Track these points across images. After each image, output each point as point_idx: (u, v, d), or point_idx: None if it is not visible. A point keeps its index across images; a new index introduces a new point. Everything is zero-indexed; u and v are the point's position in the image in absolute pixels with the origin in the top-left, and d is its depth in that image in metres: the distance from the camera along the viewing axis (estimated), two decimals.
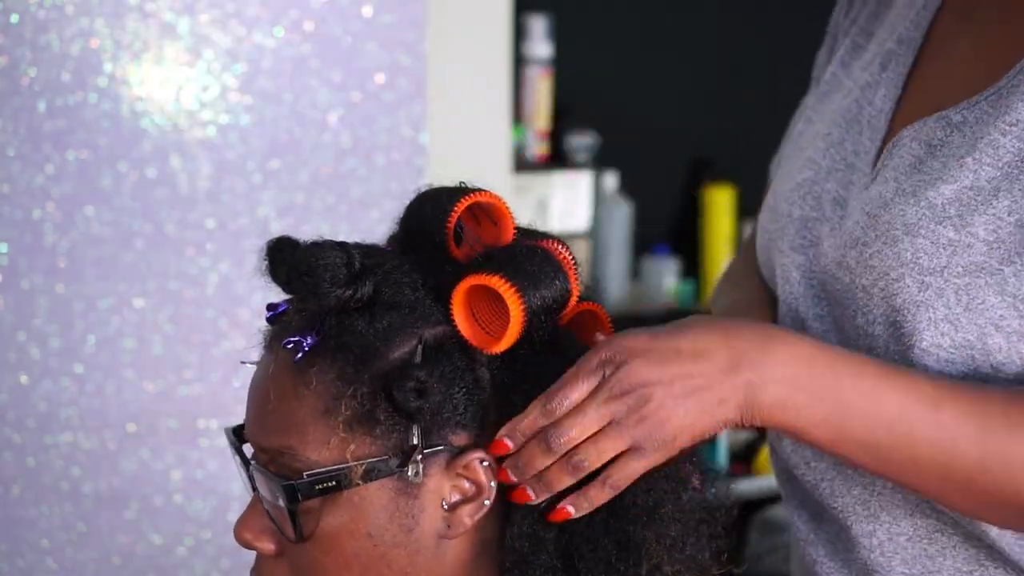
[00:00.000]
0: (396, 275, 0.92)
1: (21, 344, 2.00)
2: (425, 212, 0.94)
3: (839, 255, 1.03)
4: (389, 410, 0.89)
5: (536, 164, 3.11)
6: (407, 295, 0.91)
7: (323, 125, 2.10)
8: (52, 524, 2.04)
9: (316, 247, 0.91)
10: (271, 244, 0.92)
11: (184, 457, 2.07)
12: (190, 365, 2.07)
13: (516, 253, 0.92)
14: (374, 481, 0.89)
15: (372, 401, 0.89)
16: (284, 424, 0.91)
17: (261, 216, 2.07)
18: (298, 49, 2.08)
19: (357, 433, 0.89)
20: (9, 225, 1.98)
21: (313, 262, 0.89)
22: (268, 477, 0.91)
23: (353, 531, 0.91)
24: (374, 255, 0.93)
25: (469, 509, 0.92)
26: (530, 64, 3.05)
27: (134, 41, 2.00)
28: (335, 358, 0.90)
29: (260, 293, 2.05)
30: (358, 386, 0.89)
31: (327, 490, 0.89)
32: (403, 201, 0.97)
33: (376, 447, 0.89)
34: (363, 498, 0.90)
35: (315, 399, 0.90)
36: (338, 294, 0.89)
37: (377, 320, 0.90)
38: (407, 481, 0.90)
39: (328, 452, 0.90)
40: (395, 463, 0.89)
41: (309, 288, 0.89)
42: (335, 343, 0.90)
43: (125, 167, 2.02)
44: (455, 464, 0.91)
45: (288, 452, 0.91)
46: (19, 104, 1.96)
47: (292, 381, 0.91)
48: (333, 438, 0.89)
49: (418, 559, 0.92)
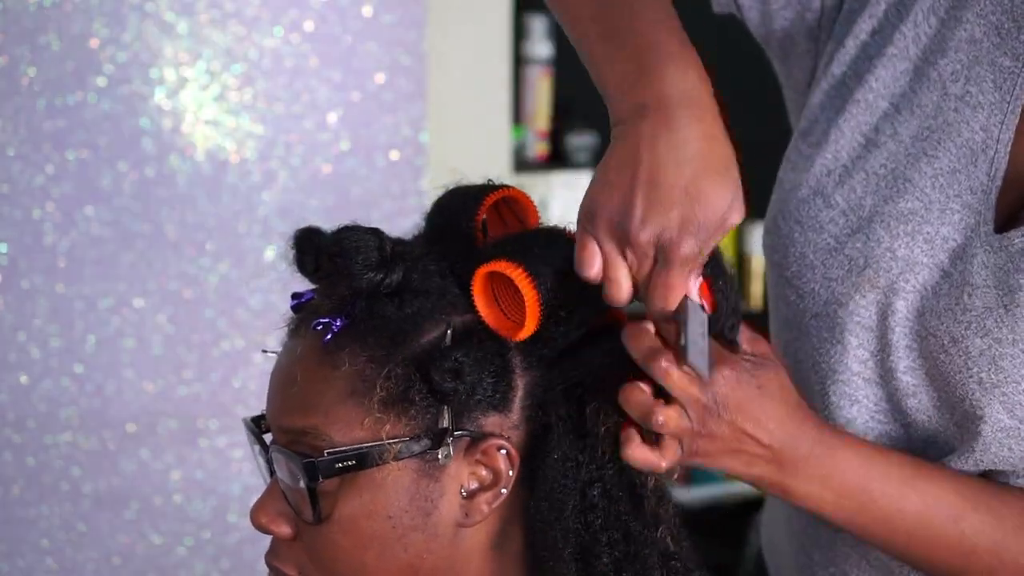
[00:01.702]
0: (425, 262, 0.93)
1: (21, 344, 2.00)
2: (454, 206, 0.96)
3: (961, 328, 0.97)
4: (424, 391, 0.90)
5: (536, 164, 3.10)
6: (436, 282, 0.93)
7: (323, 125, 2.10)
8: (52, 524, 2.04)
9: (349, 230, 0.92)
10: (299, 233, 0.94)
11: (184, 457, 2.07)
12: (190, 365, 2.07)
13: (524, 237, 0.93)
14: (397, 462, 0.90)
15: (407, 382, 0.90)
16: (309, 404, 0.92)
17: (261, 216, 2.07)
18: (298, 49, 2.08)
19: (391, 414, 0.90)
20: (9, 225, 1.98)
21: (346, 244, 0.90)
22: (289, 457, 0.92)
23: (372, 512, 0.91)
24: (404, 243, 0.95)
25: (487, 497, 0.92)
26: (530, 64, 3.04)
27: (134, 41, 2.00)
28: (365, 340, 0.91)
29: (260, 293, 2.06)
30: (392, 367, 0.90)
31: (347, 469, 0.90)
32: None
33: (408, 428, 0.90)
34: (384, 479, 0.91)
35: (343, 381, 0.91)
36: (370, 277, 0.90)
37: (406, 305, 0.91)
38: (429, 464, 0.91)
39: (355, 432, 0.91)
40: (425, 444, 0.90)
41: (341, 269, 0.91)
42: (364, 326, 0.91)
43: (125, 167, 2.02)
44: (475, 450, 0.92)
45: (312, 432, 0.91)
46: (19, 104, 1.96)
47: (320, 362, 0.92)
48: (367, 418, 0.90)
49: (434, 544, 0.93)
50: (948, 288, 0.98)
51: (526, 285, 0.89)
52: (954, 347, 0.97)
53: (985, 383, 0.95)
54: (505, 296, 0.92)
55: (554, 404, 0.93)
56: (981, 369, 0.95)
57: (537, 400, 0.93)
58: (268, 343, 0.99)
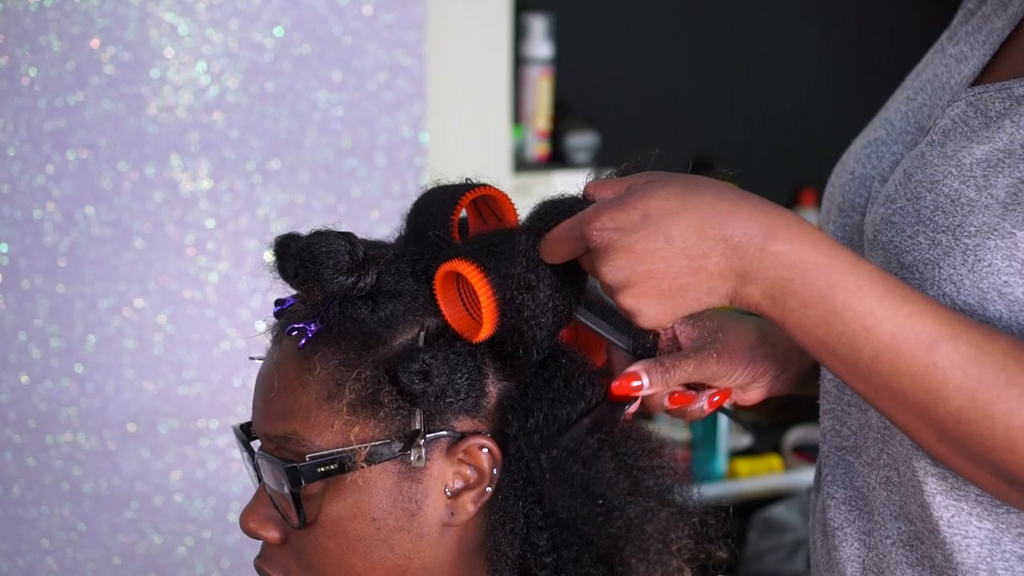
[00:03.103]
0: (398, 265, 0.94)
1: (22, 344, 2.00)
2: (431, 206, 0.96)
3: (875, 214, 1.01)
4: (393, 393, 0.90)
5: (536, 164, 3.10)
6: (409, 285, 0.93)
7: (323, 125, 2.10)
8: (52, 524, 2.04)
9: (319, 235, 0.92)
10: (278, 240, 0.95)
11: (184, 457, 2.07)
12: (190, 365, 2.07)
13: (487, 237, 0.93)
14: (377, 464, 0.91)
15: (376, 384, 0.90)
16: (289, 410, 0.93)
17: (261, 216, 2.08)
18: (298, 49, 2.08)
19: (361, 416, 0.90)
20: (9, 225, 1.98)
21: (316, 249, 0.91)
22: (272, 463, 0.93)
23: (356, 515, 0.92)
24: (377, 246, 0.95)
25: (472, 496, 0.93)
26: (530, 64, 3.04)
27: (134, 41, 2.00)
28: (338, 344, 0.91)
29: (260, 293, 2.06)
30: (361, 369, 0.90)
31: (329, 473, 0.91)
32: (403, 201, 0.97)
33: (379, 430, 0.91)
34: (367, 481, 0.91)
35: (319, 385, 0.92)
36: (340, 281, 0.91)
37: (380, 308, 0.92)
38: (410, 465, 0.91)
39: (332, 436, 0.91)
40: (398, 447, 0.90)
41: (312, 275, 0.91)
42: (338, 330, 0.92)
43: (125, 167, 2.02)
44: (456, 450, 0.92)
45: (293, 438, 0.92)
46: (19, 104, 1.97)
47: (296, 368, 0.93)
48: (337, 422, 0.91)
49: (421, 544, 0.93)
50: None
51: (480, 282, 0.89)
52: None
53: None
54: (469, 297, 0.92)
55: (519, 421, 0.93)
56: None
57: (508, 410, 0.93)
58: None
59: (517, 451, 0.92)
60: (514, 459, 0.92)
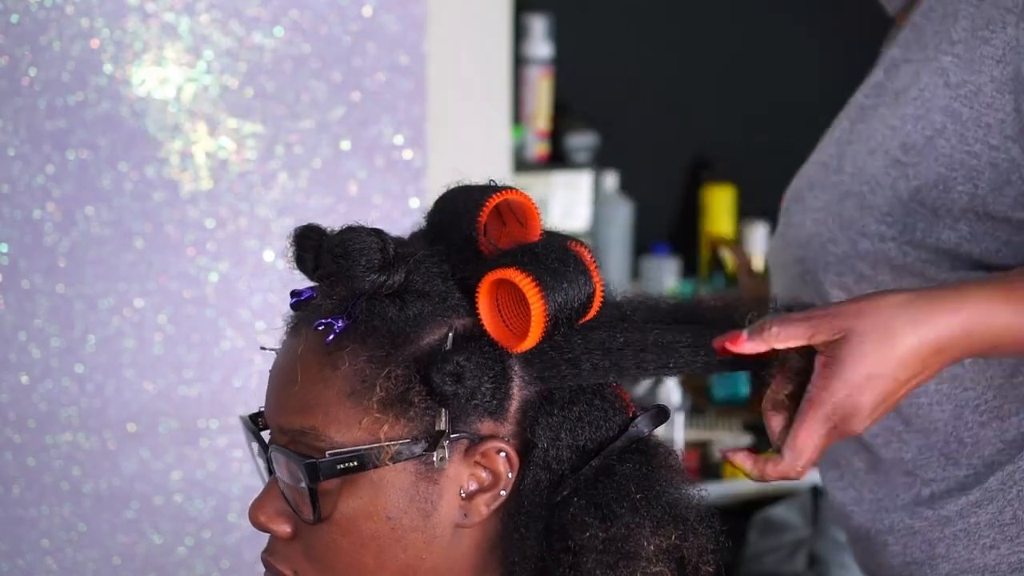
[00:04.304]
0: (427, 264, 0.93)
1: (22, 344, 2.00)
2: (456, 206, 0.95)
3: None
4: (423, 393, 0.90)
5: (536, 164, 3.11)
6: (438, 285, 0.93)
7: (323, 125, 2.10)
8: (52, 524, 2.04)
9: (352, 231, 0.92)
10: (298, 231, 0.94)
11: (184, 457, 2.07)
12: (190, 365, 2.07)
13: (540, 250, 0.93)
14: (397, 463, 0.90)
15: (407, 383, 0.90)
16: (309, 404, 0.92)
17: (261, 216, 2.07)
18: (298, 49, 2.08)
19: (390, 415, 0.90)
20: (9, 225, 1.98)
21: (349, 245, 0.90)
22: (289, 457, 0.92)
23: (372, 513, 0.92)
24: (407, 244, 0.95)
25: (486, 498, 0.93)
26: (530, 64, 3.05)
27: (134, 41, 2.00)
28: (364, 341, 0.91)
29: (260, 293, 2.06)
30: (392, 368, 0.90)
31: (350, 470, 0.90)
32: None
33: (406, 430, 0.91)
34: (384, 480, 0.91)
35: (343, 381, 0.91)
36: (372, 279, 0.90)
37: (408, 307, 0.91)
38: (428, 466, 0.91)
39: (353, 433, 0.91)
40: (421, 447, 0.90)
41: (344, 271, 0.91)
42: (366, 327, 0.91)
43: (125, 167, 2.02)
44: (474, 452, 0.92)
45: (311, 432, 0.92)
46: (19, 104, 1.96)
47: (320, 363, 0.92)
48: (365, 419, 0.90)
49: (434, 545, 0.93)
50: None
51: (535, 297, 0.88)
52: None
53: None
54: (507, 305, 0.92)
55: (542, 426, 0.93)
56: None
57: (530, 416, 0.93)
58: (268, 343, 1.00)
59: (540, 458, 0.92)
60: (534, 465, 0.92)
